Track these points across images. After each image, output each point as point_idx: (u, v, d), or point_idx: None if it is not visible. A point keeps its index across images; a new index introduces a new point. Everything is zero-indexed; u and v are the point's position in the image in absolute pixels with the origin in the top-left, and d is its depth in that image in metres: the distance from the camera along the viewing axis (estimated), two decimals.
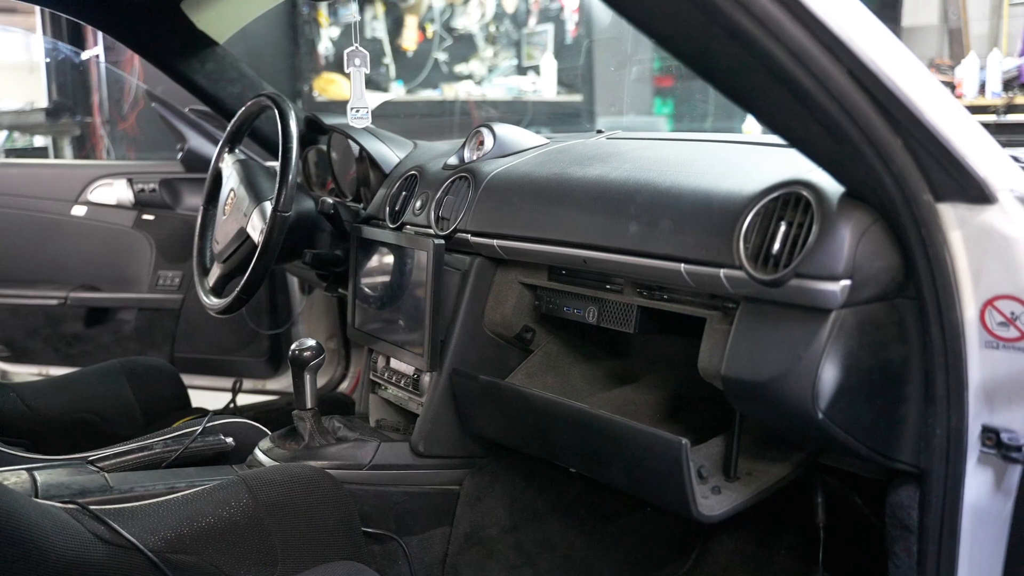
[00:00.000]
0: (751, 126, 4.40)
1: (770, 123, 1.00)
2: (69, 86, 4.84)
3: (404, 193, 1.75)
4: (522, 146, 1.70)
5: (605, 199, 1.33)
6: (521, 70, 6.58)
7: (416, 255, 1.57)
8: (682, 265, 1.19)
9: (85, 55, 4.89)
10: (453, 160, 1.73)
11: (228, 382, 2.53)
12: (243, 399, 2.45)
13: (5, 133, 4.41)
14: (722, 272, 1.13)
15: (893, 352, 1.08)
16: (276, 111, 1.74)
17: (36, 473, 1.39)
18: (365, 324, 1.74)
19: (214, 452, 1.61)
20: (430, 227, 1.63)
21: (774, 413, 1.12)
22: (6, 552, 1.11)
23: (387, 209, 1.77)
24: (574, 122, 6.24)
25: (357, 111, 1.68)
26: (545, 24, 6.50)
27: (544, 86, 6.40)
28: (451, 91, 6.34)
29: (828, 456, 1.39)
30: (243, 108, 1.89)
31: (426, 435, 1.58)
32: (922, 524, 1.11)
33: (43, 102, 4.58)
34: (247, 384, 2.59)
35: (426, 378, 1.61)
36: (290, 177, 1.66)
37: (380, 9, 6.41)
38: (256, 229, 1.72)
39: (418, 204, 1.69)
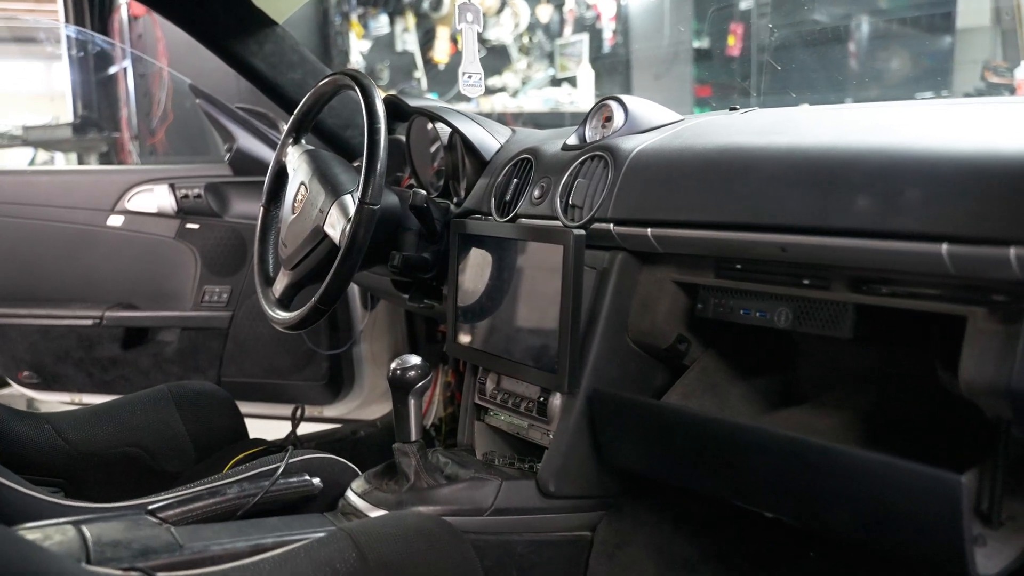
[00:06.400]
0: None
1: None
2: (95, 104, 4.62)
3: (516, 181, 1.47)
4: (657, 122, 1.42)
5: (810, 169, 1.04)
6: (555, 81, 6.36)
7: (543, 251, 1.29)
8: (943, 245, 0.90)
9: (112, 69, 4.68)
10: (573, 140, 1.45)
11: (282, 409, 2.26)
12: (299, 429, 2.18)
13: (31, 150, 4.19)
14: (1012, 251, 0.84)
15: None
16: (358, 90, 1.46)
17: (85, 528, 1.10)
18: (470, 338, 1.45)
19: (298, 496, 1.32)
20: (556, 218, 1.35)
21: None
22: None
23: (493, 200, 1.49)
24: None
25: (469, 77, 1.40)
26: (580, 34, 6.28)
27: (581, 97, 6.16)
28: (487, 103, 6.11)
29: None
30: (313, 89, 1.62)
31: (557, 471, 1.29)
32: None
33: (68, 116, 4.35)
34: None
35: (556, 401, 1.32)
36: (378, 164, 1.39)
37: (411, 21, 6.22)
38: (337, 227, 1.45)
39: (536, 192, 1.41)
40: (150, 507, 1.21)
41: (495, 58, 6.23)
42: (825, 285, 1.08)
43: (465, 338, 1.46)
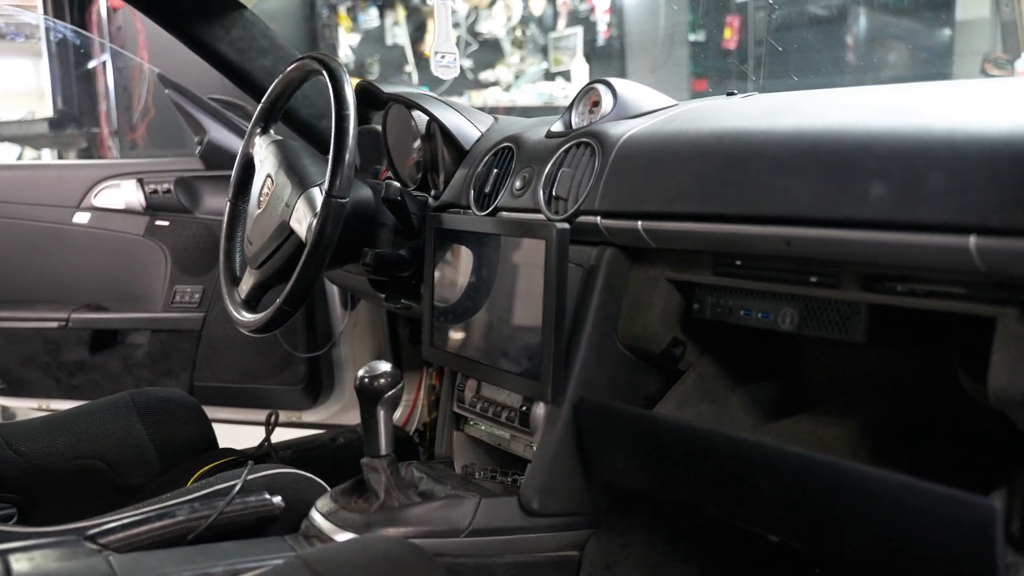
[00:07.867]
0: None
1: None
2: (74, 98, 4.50)
3: (496, 171, 1.36)
4: (649, 107, 1.31)
5: (819, 154, 0.93)
6: (549, 75, 6.26)
7: (525, 247, 1.18)
8: (971, 237, 0.79)
9: (91, 63, 4.56)
10: (558, 127, 1.34)
11: (257, 415, 2.15)
12: (276, 435, 2.07)
13: (17, 147, 4.06)
14: None
15: None
16: (326, 74, 1.36)
17: (12, 558, 0.99)
18: (447, 342, 1.34)
19: (256, 517, 1.21)
20: (539, 210, 1.24)
21: None
22: None
23: (472, 193, 1.38)
24: None
25: (443, 57, 1.29)
26: (574, 27, 6.18)
27: (575, 91, 6.05)
28: (479, 98, 6.01)
29: None
30: (281, 75, 1.51)
31: (541, 487, 1.19)
32: None
33: (45, 111, 4.23)
34: (280, 417, 2.20)
35: (539, 411, 1.21)
36: (347, 154, 1.28)
37: (402, 14, 6.11)
38: (303, 222, 1.34)
39: (518, 183, 1.30)
40: (89, 532, 1.10)
41: (488, 52, 6.14)
42: (835, 283, 0.97)
43: (442, 342, 1.35)
